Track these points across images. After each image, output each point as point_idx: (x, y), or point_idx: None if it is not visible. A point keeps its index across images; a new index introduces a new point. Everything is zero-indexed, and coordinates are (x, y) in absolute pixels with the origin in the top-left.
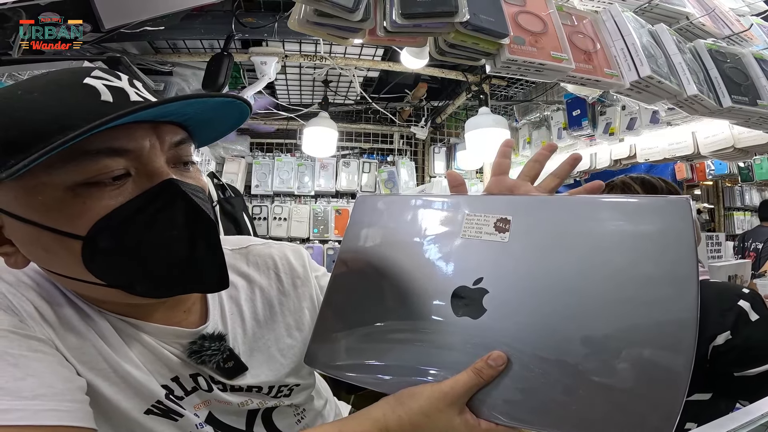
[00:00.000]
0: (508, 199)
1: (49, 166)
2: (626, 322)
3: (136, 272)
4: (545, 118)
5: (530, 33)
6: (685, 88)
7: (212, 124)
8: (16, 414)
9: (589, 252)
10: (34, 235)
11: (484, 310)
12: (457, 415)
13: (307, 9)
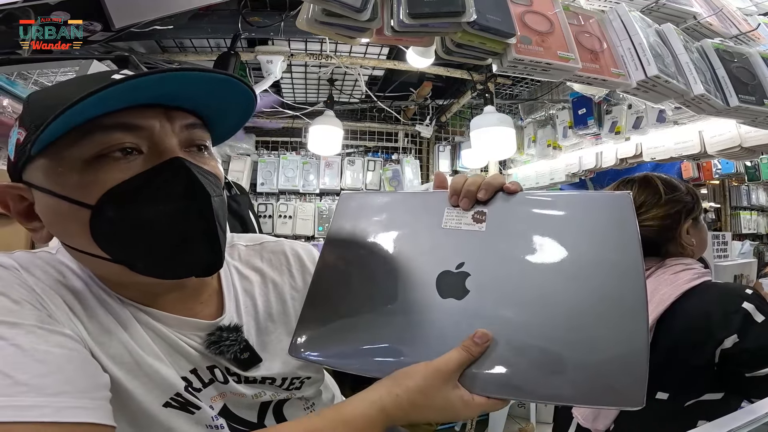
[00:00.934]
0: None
1: (70, 142)
2: (586, 298)
3: (137, 246)
4: (550, 116)
5: (537, 32)
6: (692, 88)
7: (222, 114)
8: (39, 411)
9: (554, 238)
10: (54, 205)
11: (468, 291)
12: (451, 390)
13: (315, 8)
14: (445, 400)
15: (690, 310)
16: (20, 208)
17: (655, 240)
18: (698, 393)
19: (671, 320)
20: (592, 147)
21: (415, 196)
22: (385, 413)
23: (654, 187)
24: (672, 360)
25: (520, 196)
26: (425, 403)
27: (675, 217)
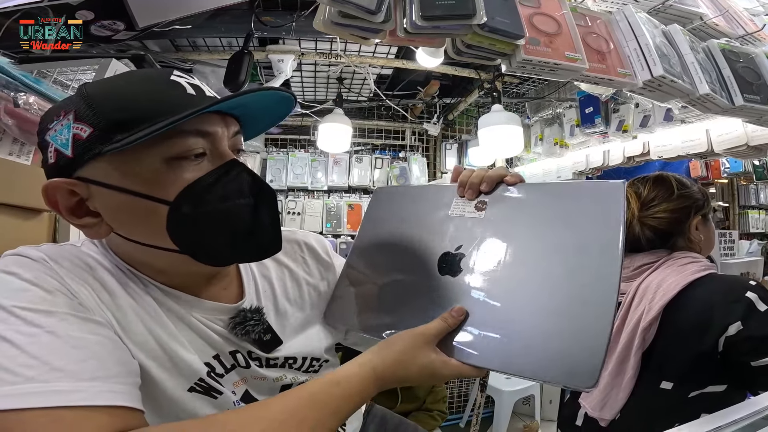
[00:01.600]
0: None
1: (150, 144)
2: (562, 284)
3: (208, 237)
4: (558, 115)
5: (545, 34)
6: (698, 87)
7: (261, 119)
8: (77, 395)
9: (542, 225)
10: (126, 202)
11: (461, 269)
12: (431, 352)
13: (331, 10)
14: (426, 359)
15: (695, 299)
16: (70, 203)
17: (665, 232)
18: (701, 384)
19: (676, 309)
20: (600, 145)
21: (435, 189)
22: (374, 372)
23: (668, 183)
24: (676, 348)
25: (520, 187)
26: (407, 361)
27: (685, 211)
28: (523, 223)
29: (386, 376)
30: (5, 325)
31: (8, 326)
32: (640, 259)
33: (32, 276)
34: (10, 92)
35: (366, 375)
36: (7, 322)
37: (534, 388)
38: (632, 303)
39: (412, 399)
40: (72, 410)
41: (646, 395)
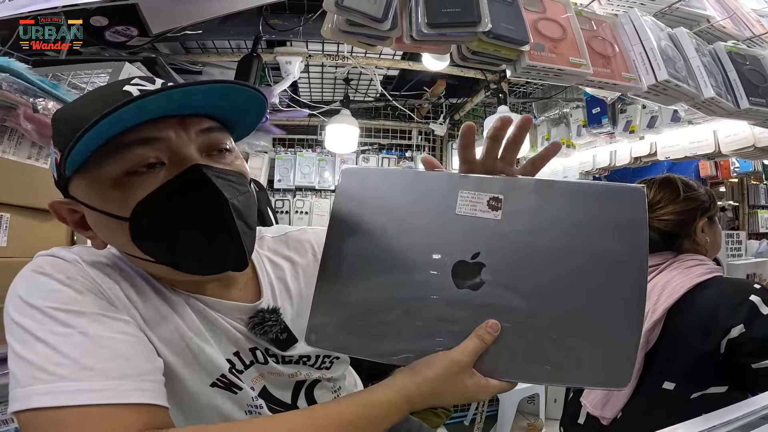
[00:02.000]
0: (498, 180)
1: (99, 162)
2: (591, 291)
3: (173, 250)
4: (564, 115)
5: (549, 39)
6: (702, 91)
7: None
8: (106, 393)
9: (566, 230)
10: (100, 219)
11: (483, 282)
12: (468, 378)
13: (338, 18)
14: (463, 386)
15: (700, 301)
16: (75, 219)
17: (670, 234)
18: (703, 385)
19: (681, 310)
20: (607, 145)
21: (426, 176)
22: (408, 399)
23: (674, 185)
24: (679, 348)
25: (536, 183)
26: (444, 389)
27: (691, 213)
28: (545, 227)
29: (417, 403)
30: (40, 325)
31: (43, 326)
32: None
33: (65, 277)
34: (29, 98)
35: (398, 402)
36: (41, 323)
37: (539, 387)
38: None
39: None
40: (102, 408)
41: (648, 395)
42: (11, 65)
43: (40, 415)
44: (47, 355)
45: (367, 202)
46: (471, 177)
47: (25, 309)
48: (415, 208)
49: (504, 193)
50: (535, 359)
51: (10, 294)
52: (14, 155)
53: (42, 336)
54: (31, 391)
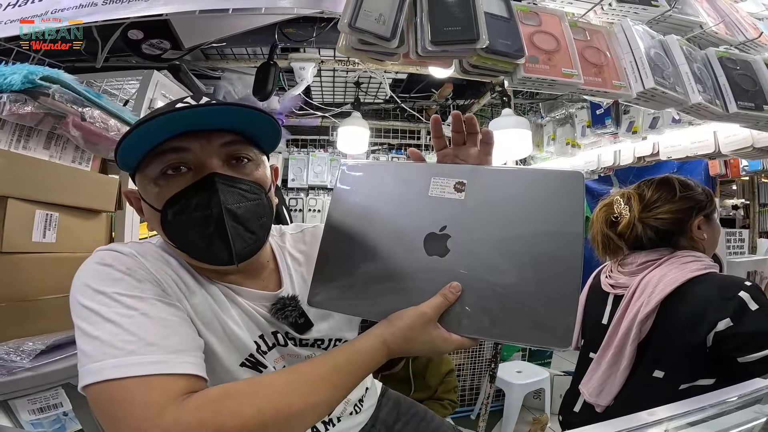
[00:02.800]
0: (464, 168)
1: (147, 164)
2: (537, 258)
3: (187, 240)
4: (570, 115)
5: (544, 51)
6: (690, 97)
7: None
8: (165, 365)
9: (517, 207)
10: (146, 208)
11: (449, 250)
12: (434, 329)
13: (351, 37)
14: (429, 335)
15: (691, 295)
16: (138, 206)
17: (667, 231)
18: (692, 377)
19: (673, 303)
20: (611, 145)
21: (407, 167)
22: (385, 344)
23: (671, 186)
24: (669, 339)
25: (494, 170)
26: (414, 337)
27: (687, 212)
28: (501, 205)
29: (394, 348)
30: (107, 308)
31: (110, 309)
32: (644, 257)
33: (125, 267)
34: (77, 107)
35: (378, 346)
36: (109, 306)
37: (545, 382)
38: (633, 296)
39: (425, 388)
40: (162, 377)
41: (640, 384)
42: (61, 77)
43: (112, 385)
44: (116, 334)
45: (359, 190)
46: (441, 166)
47: (94, 295)
48: (397, 192)
49: (467, 178)
50: (490, 318)
51: (76, 283)
52: (60, 159)
53: (110, 317)
54: (104, 365)
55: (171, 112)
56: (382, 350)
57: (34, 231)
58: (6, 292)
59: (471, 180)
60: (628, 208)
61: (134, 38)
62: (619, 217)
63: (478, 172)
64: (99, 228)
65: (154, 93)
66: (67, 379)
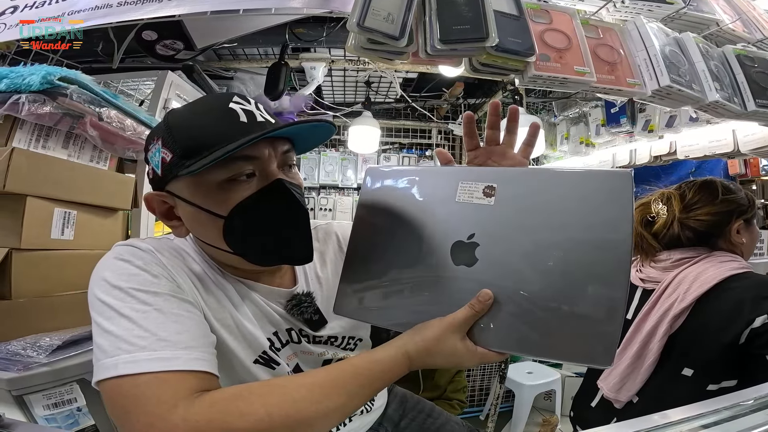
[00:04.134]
0: (493, 170)
1: (210, 169)
2: (582, 266)
3: (254, 244)
4: (583, 114)
5: (555, 49)
6: (707, 95)
7: (309, 139)
8: (176, 361)
9: (555, 212)
10: (195, 214)
11: (477, 259)
12: (459, 341)
13: (360, 37)
14: (454, 347)
15: (728, 292)
16: (163, 210)
17: (705, 233)
18: (720, 377)
19: (709, 300)
20: (626, 144)
21: (432, 171)
22: (407, 356)
23: (713, 188)
24: (703, 336)
25: (527, 172)
26: (438, 348)
27: (726, 215)
28: (535, 211)
29: (416, 359)
30: (123, 303)
31: (125, 304)
32: (680, 253)
33: (142, 263)
34: (94, 107)
35: (399, 357)
36: (124, 300)
37: (555, 383)
38: (665, 291)
39: (434, 388)
40: (173, 374)
41: (667, 380)
42: (78, 77)
43: (124, 381)
44: (130, 329)
45: (385, 197)
46: (469, 169)
47: (110, 290)
48: (423, 198)
49: (497, 181)
50: (522, 332)
51: (95, 278)
52: (79, 158)
53: (125, 312)
54: (118, 360)
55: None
56: (403, 362)
57: (53, 228)
58: (25, 288)
59: (501, 184)
60: (666, 208)
61: (148, 39)
62: (656, 216)
63: (510, 175)
64: (115, 226)
65: (168, 93)
66: (82, 374)
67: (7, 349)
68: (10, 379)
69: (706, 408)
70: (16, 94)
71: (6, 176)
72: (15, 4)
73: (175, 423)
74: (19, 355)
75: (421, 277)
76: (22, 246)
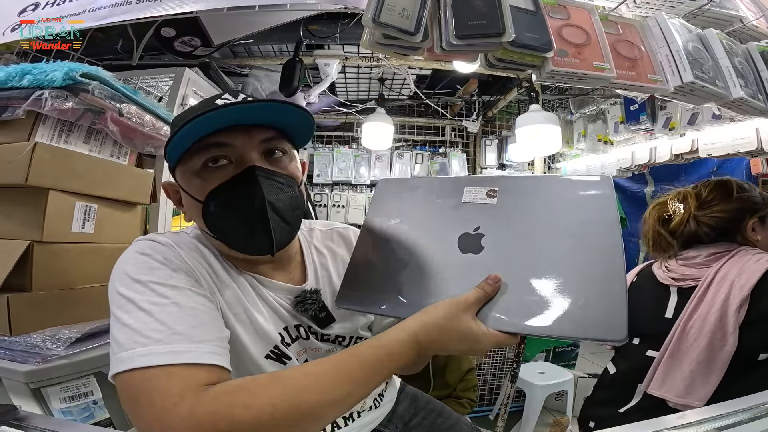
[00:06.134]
0: (495, 177)
1: (189, 156)
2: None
3: (226, 230)
4: (601, 111)
5: (573, 45)
6: (731, 92)
7: (293, 127)
8: (189, 355)
9: (551, 208)
10: (187, 199)
11: (483, 247)
12: (471, 320)
13: (375, 32)
14: (466, 326)
15: None
16: (176, 197)
17: (722, 229)
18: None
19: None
20: (646, 142)
21: (438, 180)
22: (415, 337)
23: (727, 186)
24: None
25: (525, 177)
26: (448, 326)
27: (741, 212)
28: (534, 207)
29: (426, 342)
30: (142, 296)
31: (145, 297)
32: (709, 249)
33: (162, 258)
34: (115, 103)
35: (407, 339)
36: (143, 294)
37: (567, 384)
38: (710, 286)
39: (444, 386)
40: (185, 367)
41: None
42: (99, 73)
43: (137, 374)
44: (147, 322)
45: (394, 200)
46: (472, 177)
47: (131, 283)
48: (431, 200)
49: (499, 185)
50: (531, 312)
51: (116, 272)
52: (99, 153)
53: (144, 306)
54: (133, 354)
55: (219, 108)
56: (411, 343)
57: (74, 222)
58: (46, 280)
59: (503, 187)
60: (683, 206)
61: (167, 36)
62: (672, 215)
63: (509, 180)
64: (134, 220)
65: (186, 90)
66: (99, 367)
67: (27, 342)
68: (28, 372)
69: (724, 410)
70: (39, 90)
71: (29, 170)
72: (36, 2)
73: (181, 416)
74: (38, 347)
75: (427, 265)
76: (44, 239)
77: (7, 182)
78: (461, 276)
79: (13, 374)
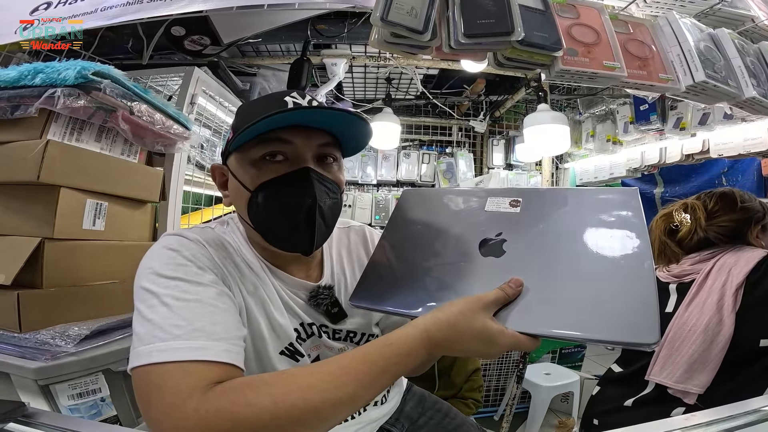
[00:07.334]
0: (518, 189)
1: (249, 147)
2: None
3: (268, 224)
4: (610, 111)
5: (583, 44)
6: (744, 91)
7: (350, 136)
8: (205, 352)
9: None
10: (235, 186)
11: (504, 251)
12: (488, 318)
13: (383, 31)
14: (482, 324)
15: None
16: (221, 181)
17: (729, 236)
18: None
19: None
20: (656, 142)
21: (462, 190)
22: (426, 333)
23: (731, 197)
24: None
25: (548, 189)
26: (463, 322)
27: (746, 222)
28: (558, 215)
29: (438, 339)
30: (167, 291)
31: (169, 291)
32: (711, 249)
33: (190, 254)
34: (126, 102)
35: (417, 336)
36: (168, 288)
37: (574, 385)
38: (709, 276)
39: (449, 386)
40: (198, 364)
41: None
42: (111, 72)
43: (152, 369)
44: (168, 317)
45: (418, 206)
46: (497, 188)
47: (156, 279)
48: (454, 208)
49: (522, 196)
50: (553, 315)
51: (143, 266)
52: (110, 151)
53: (167, 300)
54: (152, 348)
55: (303, 109)
56: (421, 342)
57: (84, 219)
58: (56, 277)
59: (526, 197)
60: (690, 216)
61: (177, 35)
62: (679, 225)
63: (532, 191)
64: (144, 217)
65: (195, 89)
66: (108, 364)
67: (36, 338)
68: (36, 369)
69: (730, 412)
70: (51, 88)
71: (41, 167)
72: (49, 1)
73: (188, 413)
74: (47, 344)
75: (446, 267)
76: (55, 236)
77: (19, 179)
78: (481, 278)
79: (22, 371)
